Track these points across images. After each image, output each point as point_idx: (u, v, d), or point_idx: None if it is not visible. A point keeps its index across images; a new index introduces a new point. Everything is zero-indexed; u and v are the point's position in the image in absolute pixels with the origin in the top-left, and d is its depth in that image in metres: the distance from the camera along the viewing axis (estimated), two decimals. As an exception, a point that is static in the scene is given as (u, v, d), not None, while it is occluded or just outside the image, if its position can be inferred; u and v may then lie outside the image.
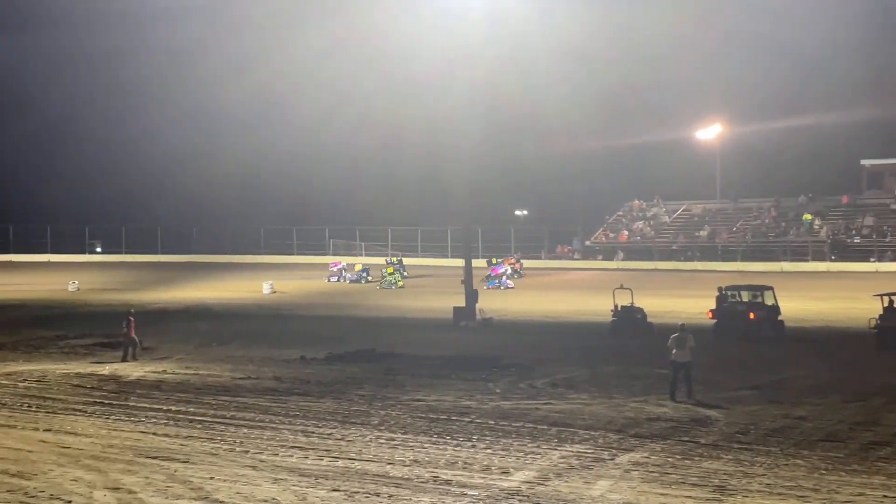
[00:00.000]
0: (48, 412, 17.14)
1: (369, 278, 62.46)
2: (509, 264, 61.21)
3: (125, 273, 69.28)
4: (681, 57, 79.15)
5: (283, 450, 13.88)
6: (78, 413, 17.10)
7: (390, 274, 59.21)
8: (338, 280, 63.16)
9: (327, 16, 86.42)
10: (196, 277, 64.69)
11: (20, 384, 20.95)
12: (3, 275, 66.31)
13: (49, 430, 15.18)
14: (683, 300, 41.54)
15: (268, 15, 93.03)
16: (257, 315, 41.92)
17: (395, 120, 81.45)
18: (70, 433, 14.97)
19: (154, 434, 15.04)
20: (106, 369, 23.87)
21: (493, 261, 62.01)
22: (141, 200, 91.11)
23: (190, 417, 16.72)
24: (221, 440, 14.59)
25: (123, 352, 26.35)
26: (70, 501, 10.59)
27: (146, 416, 16.81)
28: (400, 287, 58.39)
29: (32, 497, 10.74)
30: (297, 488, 11.55)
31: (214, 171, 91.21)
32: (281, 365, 25.06)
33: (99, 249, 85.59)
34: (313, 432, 15.37)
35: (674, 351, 19.29)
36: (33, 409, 17.55)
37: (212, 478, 11.92)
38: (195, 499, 10.91)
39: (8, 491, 10.96)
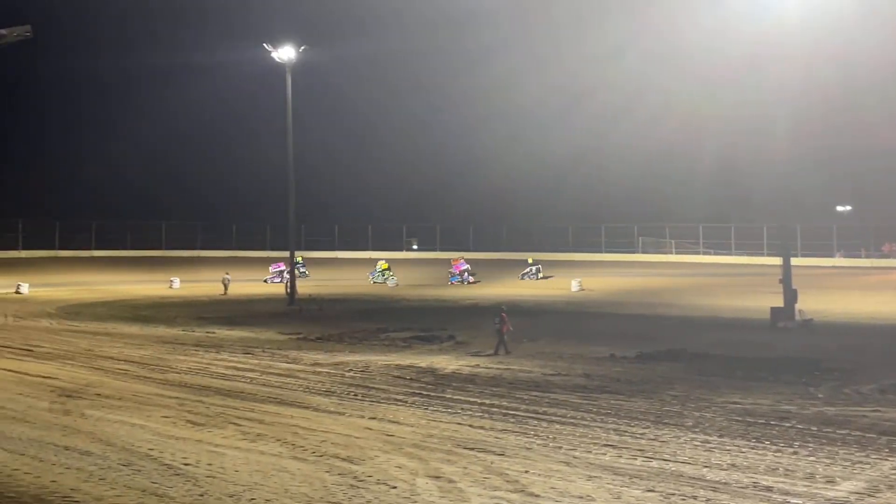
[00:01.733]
0: (372, 401, 18.03)
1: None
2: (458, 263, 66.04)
3: (439, 269, 72.03)
4: None
5: (595, 447, 13.83)
6: (399, 403, 17.88)
7: (384, 270, 65.14)
8: (280, 281, 62.96)
9: (625, 12, 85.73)
10: (505, 274, 66.21)
11: (346, 374, 22.22)
12: (329, 270, 70.85)
13: (374, 419, 15.96)
14: None
15: (565, 14, 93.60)
16: (565, 312, 42.22)
17: (698, 114, 79.49)
18: (393, 422, 15.67)
19: (470, 426, 15.44)
20: (423, 362, 24.85)
21: (530, 259, 68.26)
22: (454, 199, 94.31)
23: (503, 411, 17.04)
24: (534, 435, 14.75)
25: (496, 345, 27.28)
26: (395, 487, 11.07)
27: (462, 409, 17.29)
28: (394, 283, 62.59)
29: (361, 481, 11.32)
30: (612, 486, 11.48)
31: (521, 170, 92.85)
32: (590, 362, 25.05)
33: (415, 247, 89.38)
34: (625, 431, 15.22)
35: None
36: (359, 397, 18.52)
37: (526, 471, 12.08)
38: (511, 491, 11.09)
39: (339, 474, 11.63)
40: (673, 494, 11.21)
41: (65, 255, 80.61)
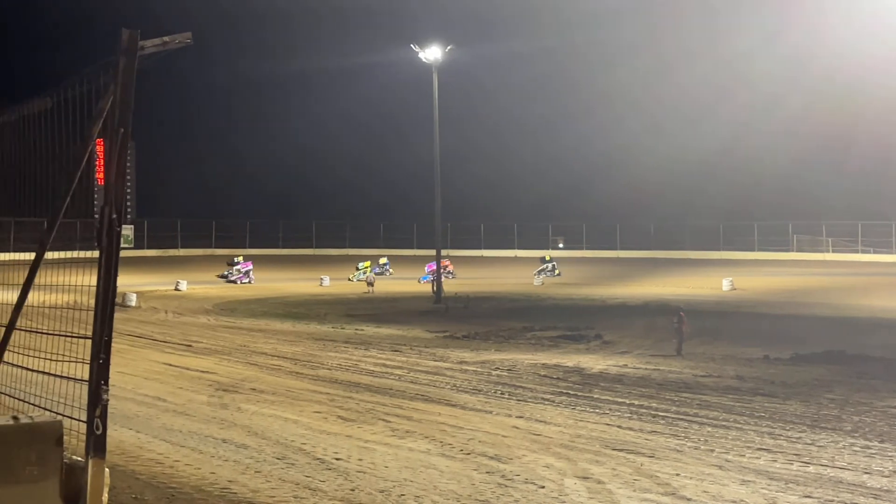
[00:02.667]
0: (519, 400, 18.01)
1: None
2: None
3: (585, 268, 71.59)
4: None
5: (749, 451, 13.45)
6: (546, 402, 17.80)
7: (365, 268, 64.86)
8: (248, 281, 60.22)
9: (772, 6, 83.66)
10: (655, 273, 65.25)
11: (493, 372, 22.26)
12: (474, 269, 71.20)
13: (521, 417, 15.93)
14: None
15: (711, 8, 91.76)
16: (716, 312, 41.28)
17: (853, 108, 76.79)
18: (540, 421, 15.60)
19: (618, 427, 15.25)
20: (570, 362, 24.70)
21: (547, 257, 69.54)
22: (600, 197, 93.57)
23: (653, 413, 16.76)
24: (685, 437, 14.45)
25: (678, 345, 27.06)
26: (543, 487, 11.01)
27: (610, 409, 17.09)
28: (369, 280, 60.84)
29: (509, 479, 11.31)
30: (767, 492, 11.14)
31: (669, 166, 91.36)
32: (742, 363, 24.47)
33: (561, 245, 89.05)
34: (780, 435, 14.76)
35: None
36: (505, 396, 18.52)
37: (678, 474, 11.84)
38: (662, 494, 10.88)
39: (487, 472, 11.65)
40: (831, 501, 10.80)
41: (220, 252, 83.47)
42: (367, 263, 67.05)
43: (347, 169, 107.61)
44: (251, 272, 64.57)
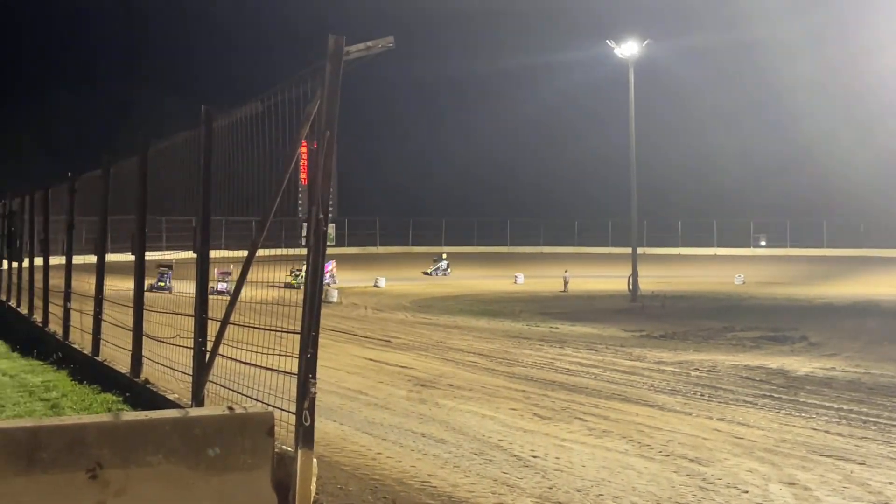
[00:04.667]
0: (720, 402, 17.54)
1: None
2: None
3: (789, 267, 69.20)
4: None
5: (971, 462, 12.64)
6: (748, 405, 17.26)
7: (299, 273, 58.57)
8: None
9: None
10: (865, 272, 62.43)
11: (692, 373, 21.77)
12: (672, 267, 70.00)
13: (722, 420, 15.51)
14: None
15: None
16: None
17: None
18: (742, 424, 15.15)
19: (826, 432, 14.62)
20: (773, 363, 23.88)
21: (444, 255, 72.16)
22: (804, 191, 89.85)
23: (863, 418, 15.98)
24: (899, 444, 13.72)
25: None
26: (746, 492, 10.69)
27: (816, 413, 16.42)
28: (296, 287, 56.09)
29: (710, 483, 11.03)
30: None
31: (869, 160, 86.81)
32: (963, 368, 23.06)
33: (763, 243, 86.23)
34: None
35: None
36: (705, 397, 18.08)
37: (891, 483, 11.25)
38: (874, 503, 10.38)
39: (687, 475, 11.40)
40: None
41: (417, 250, 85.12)
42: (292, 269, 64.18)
43: (542, 167, 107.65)
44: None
